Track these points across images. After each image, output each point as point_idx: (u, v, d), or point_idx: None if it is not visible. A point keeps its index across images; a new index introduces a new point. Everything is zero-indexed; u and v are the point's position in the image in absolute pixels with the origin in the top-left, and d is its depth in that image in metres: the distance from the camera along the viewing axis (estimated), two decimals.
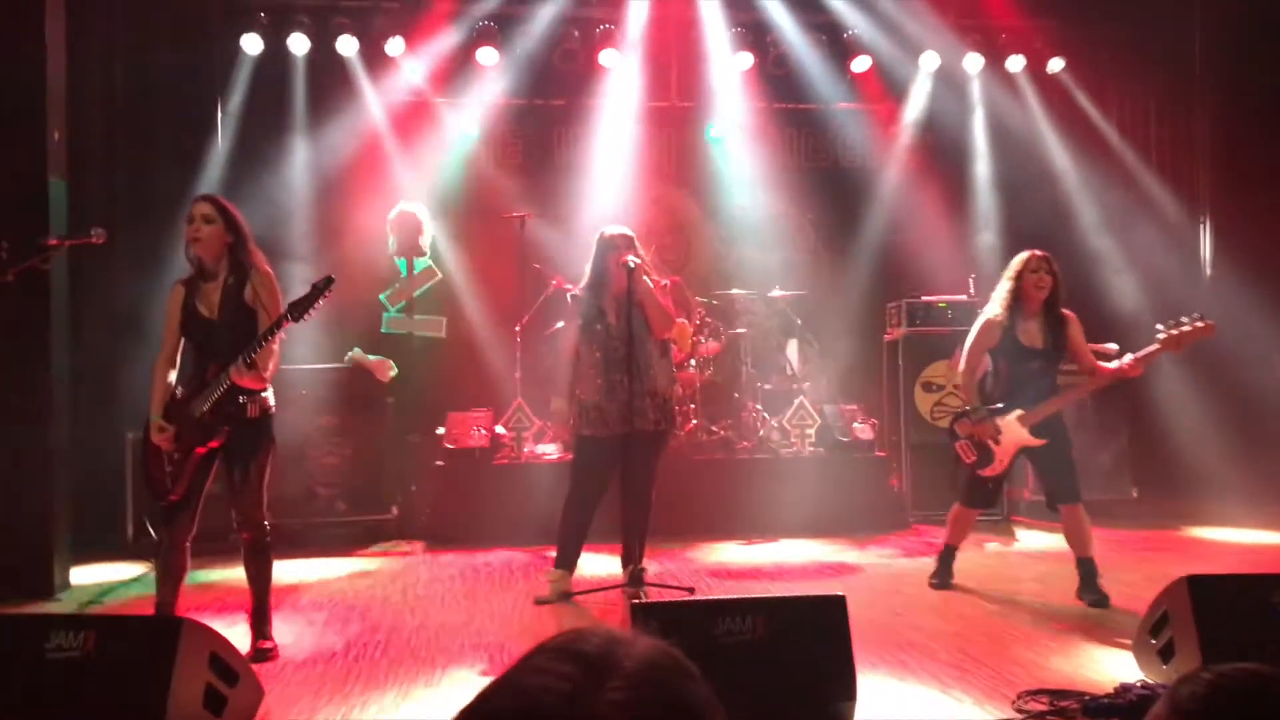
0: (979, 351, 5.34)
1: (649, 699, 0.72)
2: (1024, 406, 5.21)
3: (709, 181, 8.90)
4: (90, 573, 6.19)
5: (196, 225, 4.29)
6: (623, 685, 0.72)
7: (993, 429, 5.27)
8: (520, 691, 0.72)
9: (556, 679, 0.72)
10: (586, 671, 0.72)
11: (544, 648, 0.76)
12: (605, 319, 5.40)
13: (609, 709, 0.70)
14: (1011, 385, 5.26)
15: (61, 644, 3.23)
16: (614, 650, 0.75)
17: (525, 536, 6.76)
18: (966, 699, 3.69)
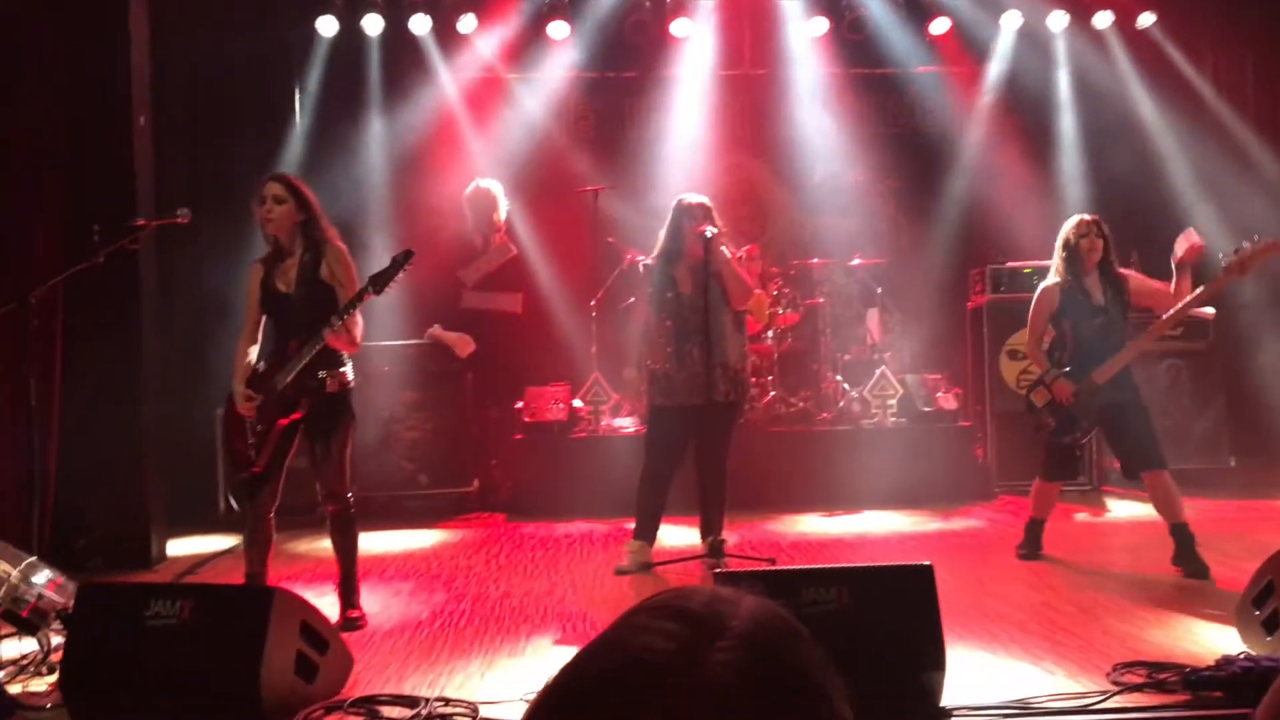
0: (1041, 319, 5.29)
1: (759, 659, 0.68)
2: (1095, 365, 5.11)
3: (785, 149, 8.76)
4: (185, 545, 6.38)
5: (268, 206, 4.37)
6: (731, 645, 0.68)
7: (1069, 389, 5.15)
8: (623, 649, 0.69)
9: (662, 638, 0.68)
10: (693, 630, 0.69)
11: (646, 606, 0.73)
12: (678, 288, 5.35)
13: (718, 669, 0.67)
14: (1079, 346, 5.18)
15: (160, 611, 3.33)
16: (720, 609, 0.71)
17: (604, 509, 6.77)
18: (1060, 671, 3.60)
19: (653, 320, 5.41)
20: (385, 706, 3.39)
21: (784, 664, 0.69)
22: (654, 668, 0.67)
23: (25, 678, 3.83)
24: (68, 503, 5.52)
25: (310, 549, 6.15)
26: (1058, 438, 5.26)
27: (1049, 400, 5.24)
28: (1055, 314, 5.26)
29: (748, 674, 0.67)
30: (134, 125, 5.72)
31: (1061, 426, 5.22)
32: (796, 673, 0.70)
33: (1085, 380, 5.14)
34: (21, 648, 3.98)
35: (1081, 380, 5.14)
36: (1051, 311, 5.26)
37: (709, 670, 0.67)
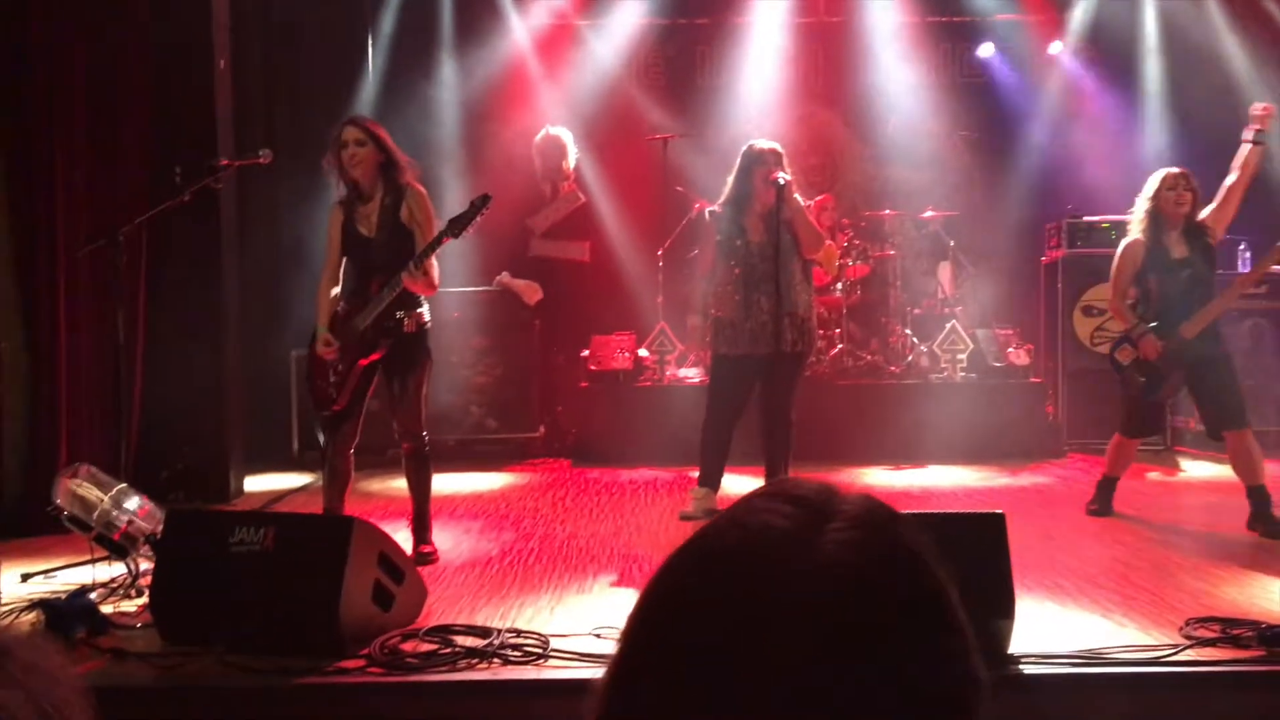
0: (1126, 277, 5.18)
1: (873, 539, 0.71)
2: (1182, 320, 5.00)
3: (858, 99, 8.62)
4: (260, 482, 6.57)
5: (350, 150, 4.41)
6: (845, 525, 0.71)
7: (1157, 345, 5.04)
8: (742, 527, 0.72)
9: (779, 517, 0.71)
10: (807, 512, 0.72)
11: (759, 492, 0.76)
12: (746, 235, 5.30)
13: (833, 547, 0.69)
14: (1164, 301, 5.07)
15: (244, 538, 3.44)
16: (832, 495, 0.74)
17: (668, 457, 6.80)
18: (1131, 624, 3.57)
19: (720, 268, 5.36)
20: (459, 636, 3.47)
21: (895, 543, 0.72)
22: (772, 543, 0.69)
23: (116, 599, 3.99)
24: (151, 436, 5.71)
25: (382, 488, 6.29)
26: (1147, 396, 5.15)
27: (1135, 358, 5.13)
28: (1139, 272, 5.14)
29: (862, 550, 0.69)
30: (214, 69, 5.82)
31: (1151, 384, 5.12)
32: (908, 551, 0.72)
33: (1173, 335, 5.03)
34: (112, 571, 4.15)
35: (1169, 336, 5.04)
36: (1136, 268, 5.15)
37: (824, 547, 0.69)
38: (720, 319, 5.34)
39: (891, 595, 0.69)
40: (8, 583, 4.18)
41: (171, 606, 3.54)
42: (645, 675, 0.70)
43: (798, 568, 0.68)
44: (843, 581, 0.68)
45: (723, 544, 0.72)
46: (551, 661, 3.29)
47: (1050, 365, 7.66)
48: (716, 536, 0.73)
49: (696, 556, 0.73)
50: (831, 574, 0.68)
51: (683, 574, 0.72)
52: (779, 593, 0.67)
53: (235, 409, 6.07)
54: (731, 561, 0.70)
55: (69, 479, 4.06)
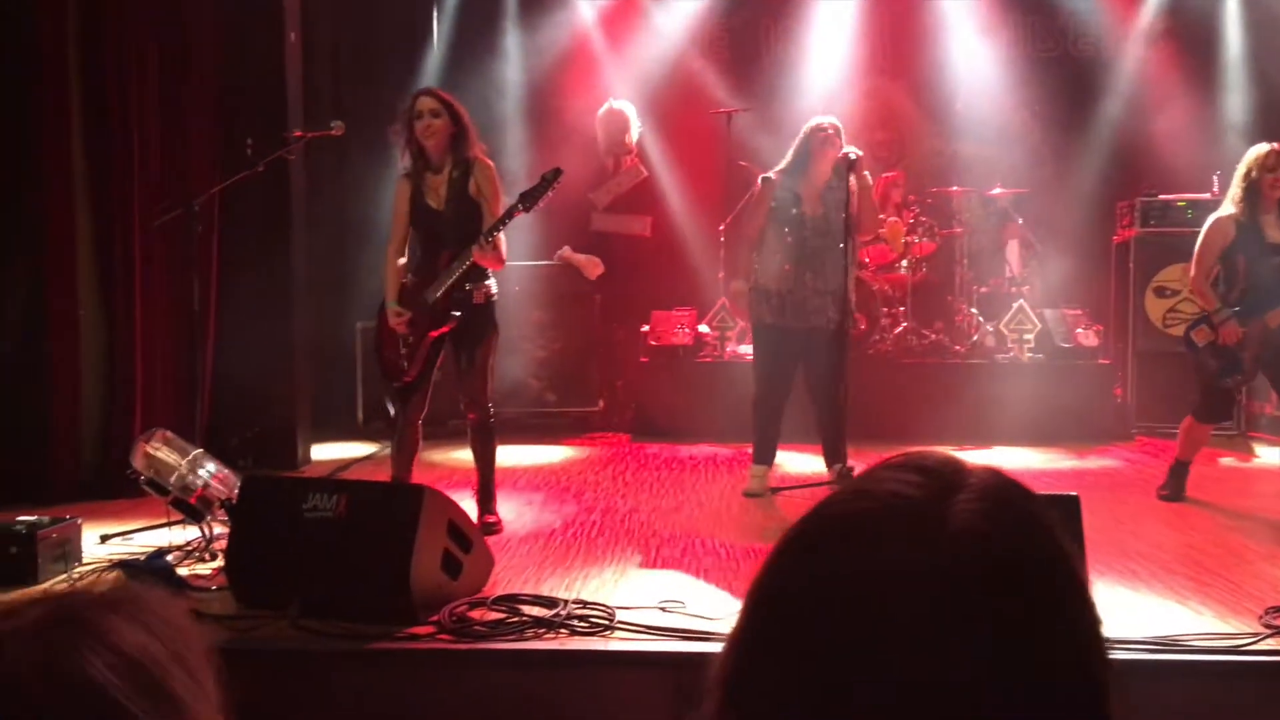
0: (1212, 253, 5.00)
1: (1002, 510, 0.70)
2: (1271, 306, 4.84)
3: (927, 73, 8.46)
4: (325, 450, 6.67)
5: (426, 121, 4.42)
6: (974, 496, 0.70)
7: (1237, 331, 4.90)
8: (871, 496, 0.71)
9: (907, 486, 0.71)
10: (935, 482, 0.71)
11: (884, 464, 0.75)
12: (801, 205, 5.24)
13: (963, 516, 0.69)
14: (1251, 285, 4.90)
15: (318, 504, 3.50)
16: (959, 467, 0.73)
17: (727, 433, 6.77)
18: (1207, 611, 3.50)
19: (771, 234, 5.27)
20: (526, 605, 3.51)
21: (1027, 514, 0.71)
22: (900, 511, 0.69)
23: (191, 561, 4.09)
24: (222, 403, 5.81)
25: (445, 458, 6.35)
26: (1220, 380, 5.02)
27: (1211, 340, 4.99)
28: (1227, 249, 4.97)
29: (993, 520, 0.69)
30: (285, 41, 5.87)
31: (1225, 369, 4.99)
32: (1040, 524, 0.71)
33: (1256, 322, 4.88)
34: (186, 535, 4.25)
35: (1252, 322, 4.89)
36: (1224, 246, 4.97)
37: (955, 516, 0.68)
38: (766, 287, 5.27)
39: (1025, 566, 0.69)
40: (87, 543, 4.30)
41: (246, 570, 3.62)
42: (775, 644, 0.69)
43: (928, 535, 0.68)
44: (975, 550, 0.67)
45: (849, 511, 0.71)
46: (618, 633, 3.31)
47: (1120, 347, 7.50)
48: (842, 504, 0.73)
49: (823, 524, 0.72)
50: (963, 542, 0.67)
51: (810, 542, 0.72)
52: (910, 560, 0.67)
53: (303, 378, 6.17)
54: (860, 529, 0.70)
55: (146, 444, 4.16)
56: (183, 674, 0.82)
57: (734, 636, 0.73)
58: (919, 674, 0.64)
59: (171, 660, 0.80)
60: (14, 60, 5.18)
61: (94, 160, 5.43)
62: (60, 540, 3.98)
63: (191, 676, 0.83)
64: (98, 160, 5.43)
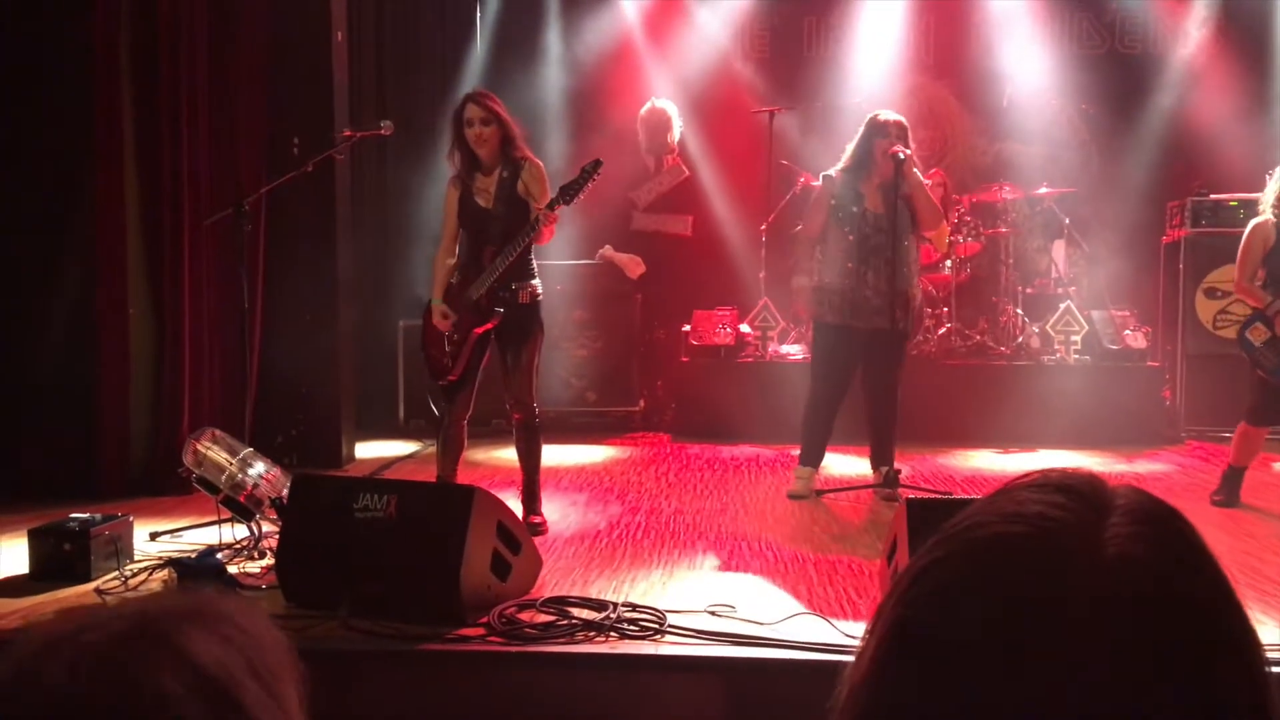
0: (1254, 257, 4.99)
1: (1161, 534, 0.67)
2: None
3: (970, 71, 8.37)
4: (368, 449, 6.70)
5: (477, 130, 4.47)
6: (1127, 520, 0.67)
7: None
8: (1022, 518, 0.68)
9: (1054, 508, 0.68)
10: (1082, 503, 0.68)
11: (1021, 482, 0.72)
12: (864, 203, 5.20)
13: (1119, 542, 0.66)
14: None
15: (368, 504, 3.51)
16: (1102, 486, 0.70)
17: (770, 434, 6.75)
18: (1269, 621, 3.42)
19: (833, 233, 5.24)
20: (575, 608, 3.49)
21: (1184, 539, 0.68)
22: (1053, 535, 0.66)
23: (241, 560, 4.12)
24: (268, 401, 5.85)
25: (487, 457, 6.36)
26: (1277, 377, 4.93)
27: (1270, 336, 4.91)
28: (1269, 254, 4.95)
29: (1150, 544, 0.66)
30: (332, 41, 5.89)
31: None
32: (1198, 549, 0.68)
33: None
34: (235, 533, 4.28)
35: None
36: (1266, 249, 4.96)
37: (1111, 542, 0.66)
38: (828, 285, 5.23)
39: (1192, 593, 0.66)
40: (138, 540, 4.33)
41: (296, 569, 3.63)
42: (912, 675, 0.67)
43: (1087, 562, 0.65)
44: (1138, 579, 0.64)
45: (998, 535, 0.68)
46: (668, 637, 3.29)
47: (1169, 349, 7.38)
48: (987, 526, 0.69)
49: (967, 549, 0.69)
50: (1126, 571, 0.65)
51: (954, 567, 0.68)
52: (1070, 588, 0.64)
53: (348, 377, 6.20)
54: (1012, 554, 0.66)
55: (198, 442, 4.19)
56: (257, 688, 0.81)
57: (863, 669, 0.70)
58: (1089, 711, 0.61)
59: (247, 674, 0.79)
60: (70, 58, 5.23)
61: (144, 157, 5.47)
62: (112, 537, 4.02)
63: (268, 690, 0.83)
64: (148, 157, 5.48)
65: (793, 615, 3.42)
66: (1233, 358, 7.09)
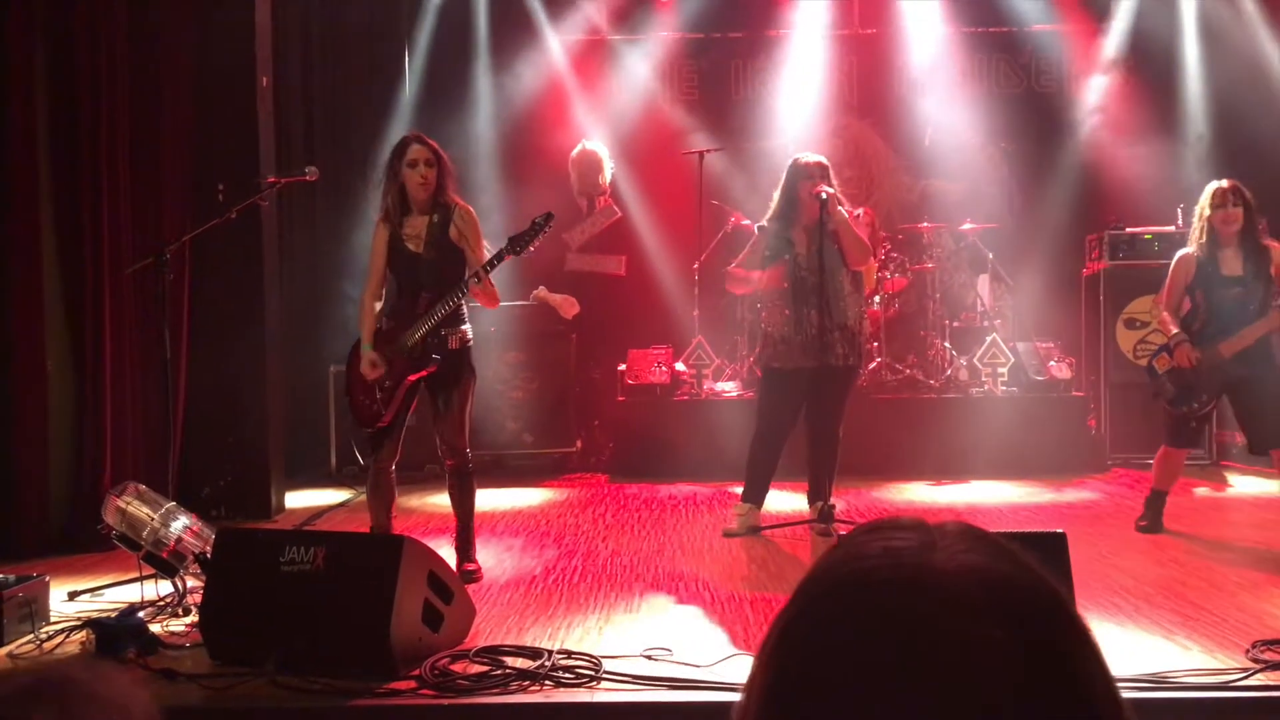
0: (1177, 289, 5.18)
1: (983, 545, 0.75)
2: (1224, 336, 4.97)
3: (893, 111, 8.57)
4: (299, 498, 6.57)
5: (422, 171, 4.40)
6: (951, 540, 0.75)
7: (1192, 354, 5.00)
8: (867, 556, 0.75)
9: (895, 541, 0.75)
10: (917, 535, 0.75)
11: (861, 528, 0.79)
12: (794, 249, 5.28)
13: (953, 558, 0.73)
14: (1210, 314, 5.04)
15: (295, 557, 3.43)
16: (924, 520, 0.78)
17: (707, 472, 6.78)
18: (1194, 646, 3.49)
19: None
20: (509, 657, 3.44)
21: (999, 545, 0.76)
22: (899, 561, 0.73)
23: (164, 618, 3.99)
24: (194, 453, 5.72)
25: (422, 504, 6.28)
26: (1175, 406, 5.12)
27: (1171, 367, 5.11)
28: (1190, 285, 5.13)
29: (980, 554, 0.74)
30: (257, 86, 5.84)
31: (1180, 395, 5.09)
32: (1013, 551, 0.75)
33: (1211, 350, 5.00)
34: (158, 590, 4.15)
35: (1207, 349, 5.00)
36: (1186, 281, 5.15)
37: (945, 560, 0.73)
38: (771, 334, 5.33)
39: (1028, 589, 0.72)
40: (55, 601, 4.19)
41: (221, 626, 3.53)
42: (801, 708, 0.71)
43: (930, 578, 0.71)
44: (979, 581, 0.71)
45: (851, 571, 0.74)
46: (604, 684, 3.25)
47: (1092, 379, 7.57)
48: (838, 569, 0.75)
49: (826, 590, 0.75)
50: (966, 578, 0.71)
51: (816, 612, 0.74)
52: (922, 604, 0.70)
53: (276, 426, 6.08)
54: (865, 584, 0.73)
55: (118, 498, 4.07)
56: None
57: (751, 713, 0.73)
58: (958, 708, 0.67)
59: None
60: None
61: (62, 208, 5.35)
62: (27, 599, 3.87)
63: None
64: (66, 208, 5.35)
65: (729, 656, 3.40)
66: (1150, 384, 7.30)
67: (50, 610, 4.04)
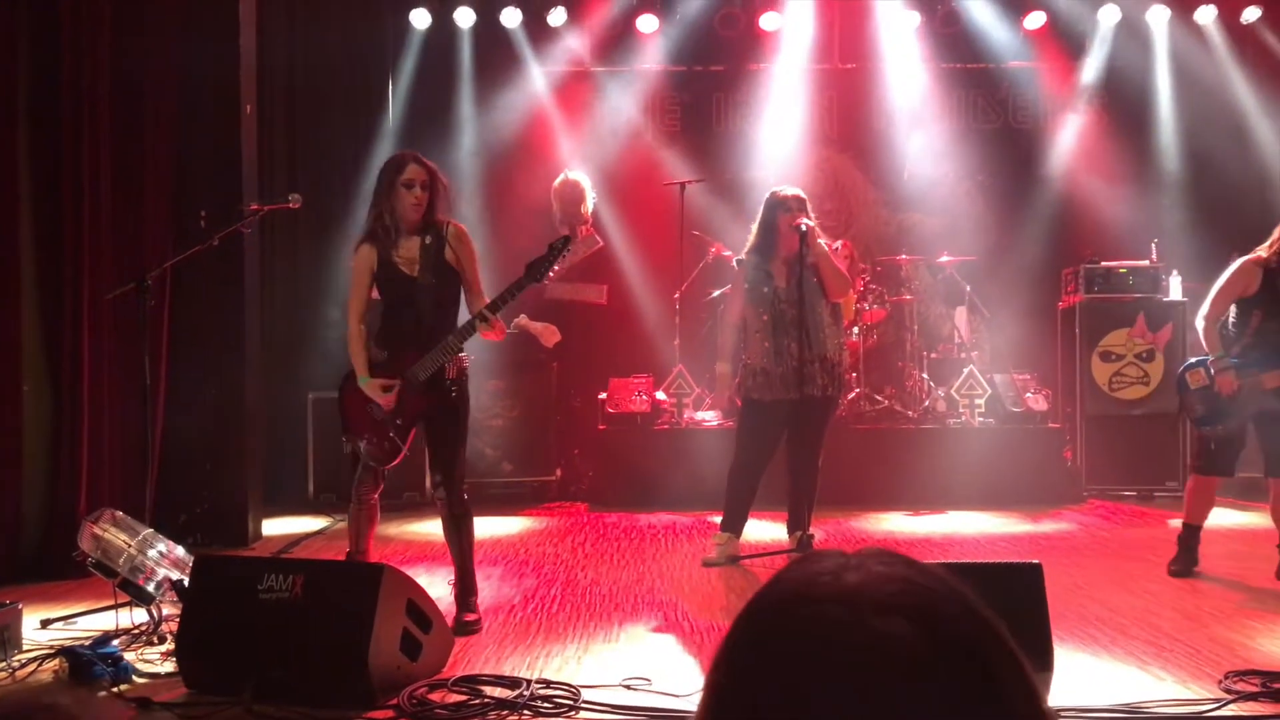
0: (1229, 297, 4.79)
1: (891, 562, 0.81)
2: (1272, 366, 4.68)
3: (873, 145, 8.68)
4: (276, 525, 6.53)
5: (418, 193, 4.20)
6: (867, 562, 0.81)
7: (1234, 382, 4.73)
8: (787, 580, 0.82)
9: (816, 566, 0.82)
10: (834, 558, 0.83)
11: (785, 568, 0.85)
12: (773, 282, 5.34)
13: (860, 574, 0.80)
14: (1260, 338, 4.72)
15: (273, 585, 3.42)
16: (846, 551, 0.84)
17: (687, 501, 6.80)
18: (1168, 677, 3.52)
19: (750, 315, 5.39)
20: (488, 686, 3.44)
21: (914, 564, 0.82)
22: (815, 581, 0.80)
23: (139, 646, 3.96)
24: (171, 479, 5.69)
25: (401, 532, 6.26)
26: (1200, 426, 4.91)
27: (1205, 385, 4.84)
28: (1250, 298, 4.72)
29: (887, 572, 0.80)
30: (241, 113, 5.86)
31: (1209, 416, 4.84)
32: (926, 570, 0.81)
33: (1253, 378, 4.71)
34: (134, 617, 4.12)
35: (1248, 377, 4.72)
36: (1245, 293, 4.73)
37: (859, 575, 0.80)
38: (751, 365, 5.38)
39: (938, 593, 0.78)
40: (28, 628, 4.14)
41: (198, 654, 3.52)
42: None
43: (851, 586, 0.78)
44: (891, 584, 0.78)
45: (778, 592, 0.81)
46: (583, 714, 3.25)
47: (1069, 410, 7.64)
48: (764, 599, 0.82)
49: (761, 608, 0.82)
50: (880, 581, 0.78)
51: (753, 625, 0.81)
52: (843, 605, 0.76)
53: (255, 454, 6.06)
54: (792, 599, 0.80)
55: (94, 525, 4.04)
56: None
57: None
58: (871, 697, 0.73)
59: None
60: None
61: (42, 232, 5.34)
62: None
63: None
64: (46, 232, 5.34)
65: None
66: (1130, 418, 7.39)
67: (23, 638, 4.00)
